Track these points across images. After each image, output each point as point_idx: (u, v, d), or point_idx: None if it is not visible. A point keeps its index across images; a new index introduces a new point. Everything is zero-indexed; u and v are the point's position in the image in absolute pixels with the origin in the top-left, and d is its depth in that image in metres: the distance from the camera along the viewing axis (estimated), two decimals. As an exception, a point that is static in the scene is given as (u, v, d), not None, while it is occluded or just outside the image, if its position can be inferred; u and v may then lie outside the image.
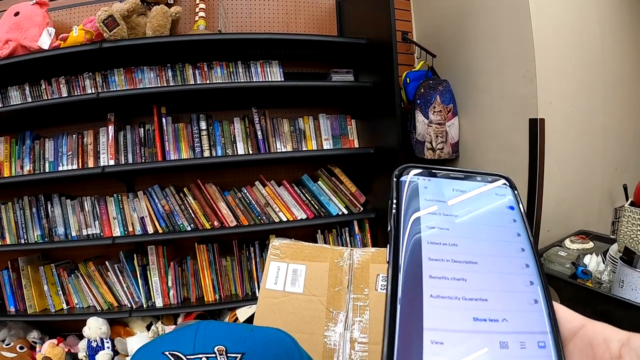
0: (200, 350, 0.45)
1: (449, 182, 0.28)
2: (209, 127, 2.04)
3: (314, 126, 2.08)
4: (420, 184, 0.27)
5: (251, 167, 2.15)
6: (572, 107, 2.05)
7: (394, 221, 0.26)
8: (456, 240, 0.25)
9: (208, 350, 0.45)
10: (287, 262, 1.07)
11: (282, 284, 1.04)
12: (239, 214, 2.03)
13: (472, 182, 0.29)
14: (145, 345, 0.51)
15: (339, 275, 1.04)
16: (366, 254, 1.06)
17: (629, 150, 2.43)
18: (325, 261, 1.06)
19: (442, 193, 0.27)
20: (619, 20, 2.41)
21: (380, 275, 1.04)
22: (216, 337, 0.47)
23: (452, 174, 0.28)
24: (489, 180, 0.29)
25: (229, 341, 0.46)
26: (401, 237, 0.25)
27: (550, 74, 1.94)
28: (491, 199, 0.28)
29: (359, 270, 1.06)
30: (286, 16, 2.27)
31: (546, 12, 1.94)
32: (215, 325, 0.49)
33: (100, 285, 2.15)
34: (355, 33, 2.12)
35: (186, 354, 0.45)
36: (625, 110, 2.41)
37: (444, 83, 2.11)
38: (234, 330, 0.48)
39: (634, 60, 2.50)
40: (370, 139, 2.03)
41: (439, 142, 2.06)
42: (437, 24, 2.37)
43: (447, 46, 2.27)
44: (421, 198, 0.27)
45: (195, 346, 0.46)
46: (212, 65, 2.07)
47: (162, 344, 0.47)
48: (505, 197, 0.29)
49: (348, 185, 2.05)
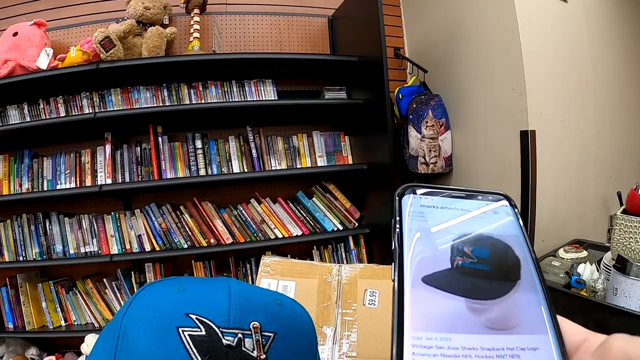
0: (236, 324, 0.41)
1: (451, 201, 0.29)
2: (204, 146, 2.15)
3: (308, 143, 2.19)
4: (422, 202, 0.29)
5: (247, 185, 2.25)
6: (563, 117, 2.14)
7: (398, 240, 0.27)
8: None
9: (244, 326, 0.41)
10: (277, 279, 1.15)
11: None
12: (235, 231, 2.13)
13: (473, 201, 0.30)
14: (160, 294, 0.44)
15: (327, 291, 1.12)
16: (354, 270, 1.14)
17: (623, 158, 2.51)
18: (315, 277, 1.14)
19: (443, 212, 0.29)
20: (609, 31, 2.51)
21: (367, 291, 1.12)
22: (251, 309, 0.43)
23: (454, 192, 0.30)
24: (490, 199, 0.30)
25: (263, 316, 0.43)
26: (405, 256, 0.26)
27: (539, 86, 2.03)
28: (492, 217, 0.30)
29: (347, 286, 1.13)
30: (279, 35, 2.39)
31: (534, 26, 2.04)
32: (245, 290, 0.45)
33: (98, 302, 2.23)
34: (347, 50, 2.23)
35: (220, 326, 0.40)
36: (618, 119, 2.49)
37: (436, 98, 2.21)
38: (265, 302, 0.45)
39: (625, 68, 2.60)
40: (364, 155, 2.13)
41: (432, 156, 2.16)
42: (428, 39, 2.48)
43: (439, 61, 2.38)
44: (423, 216, 0.28)
45: (231, 317, 0.41)
46: (207, 85, 2.18)
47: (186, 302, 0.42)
48: (506, 215, 0.30)
49: (342, 201, 2.15)
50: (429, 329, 0.23)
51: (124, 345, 0.40)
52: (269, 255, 1.18)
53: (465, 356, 0.23)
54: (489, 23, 2.12)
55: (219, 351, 0.39)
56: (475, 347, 0.23)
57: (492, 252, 0.28)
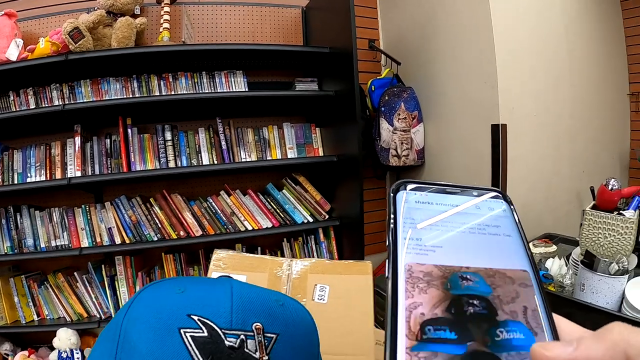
0: (238, 325, 0.41)
1: (445, 197, 0.29)
2: (174, 138, 2.13)
3: (279, 135, 2.17)
4: (416, 198, 0.29)
5: (217, 177, 2.23)
6: (537, 111, 2.13)
7: (392, 236, 0.27)
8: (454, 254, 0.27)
9: (246, 327, 0.41)
10: (228, 273, 1.15)
11: None
12: (205, 224, 2.12)
13: (468, 197, 0.30)
14: (162, 294, 0.44)
15: (277, 285, 1.11)
16: (306, 265, 1.14)
17: (597, 153, 2.50)
18: (265, 271, 1.13)
19: (438, 207, 0.29)
20: (587, 25, 2.49)
21: (317, 286, 1.11)
22: (253, 310, 0.43)
23: (448, 188, 0.30)
24: (484, 194, 0.31)
25: (265, 317, 0.43)
26: (399, 252, 0.26)
27: (512, 80, 2.01)
28: (485, 212, 0.30)
29: (297, 281, 1.12)
30: (252, 25, 2.36)
31: (508, 20, 2.02)
32: (247, 291, 0.45)
33: (70, 296, 2.22)
34: (320, 42, 2.21)
35: (222, 327, 0.40)
36: (594, 113, 2.48)
37: (408, 90, 2.19)
38: (267, 303, 0.45)
39: (602, 64, 2.58)
40: (335, 147, 2.12)
41: (404, 148, 2.14)
42: (403, 32, 2.46)
43: (413, 54, 2.36)
44: (418, 212, 0.28)
45: (233, 319, 0.41)
46: (177, 76, 2.16)
47: (188, 302, 0.42)
48: (500, 210, 0.30)
49: (313, 194, 2.14)
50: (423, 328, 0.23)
51: (125, 347, 0.40)
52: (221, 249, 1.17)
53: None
54: (462, 16, 2.10)
55: (221, 353, 0.39)
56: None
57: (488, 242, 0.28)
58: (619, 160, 2.78)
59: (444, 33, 2.18)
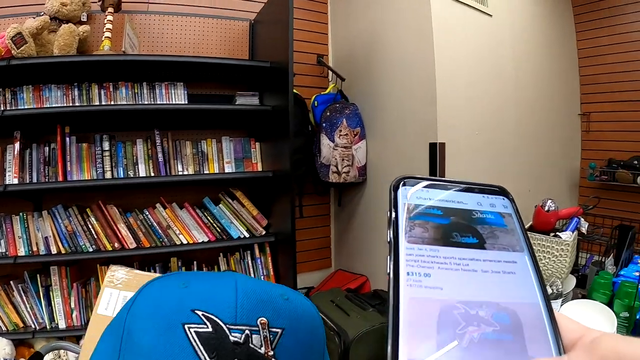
0: (243, 320, 0.40)
1: (447, 194, 0.29)
2: (111, 148, 2.11)
3: (217, 149, 2.15)
4: (418, 195, 0.28)
5: (155, 189, 2.21)
6: (479, 130, 2.13)
7: (393, 233, 0.26)
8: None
9: (251, 322, 0.40)
10: (119, 290, 1.13)
11: (112, 310, 1.10)
12: (141, 236, 2.09)
13: (470, 194, 0.30)
14: (165, 289, 0.44)
15: None
16: None
17: (546, 172, 2.51)
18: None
19: (439, 204, 0.28)
20: (535, 46, 2.50)
21: None
22: (258, 304, 0.42)
23: (449, 185, 0.29)
24: (487, 192, 0.30)
25: (270, 312, 0.42)
26: (400, 249, 0.26)
27: (452, 99, 2.01)
28: (487, 209, 0.29)
29: None
30: (198, 37, 2.35)
31: (450, 40, 2.03)
32: (252, 285, 0.44)
33: (6, 305, 2.18)
34: (264, 56, 2.20)
35: (227, 322, 0.40)
36: (543, 133, 2.49)
37: (351, 106, 2.18)
38: (272, 297, 0.44)
39: (554, 83, 2.59)
40: (272, 162, 2.10)
41: (345, 165, 2.13)
42: (351, 48, 2.46)
43: (358, 70, 2.35)
44: (419, 209, 0.28)
45: (238, 313, 0.40)
46: (118, 86, 2.13)
47: (192, 298, 0.41)
48: (503, 208, 0.30)
49: (250, 209, 2.12)
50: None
51: (129, 342, 0.40)
52: (117, 265, 1.15)
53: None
54: (407, 35, 2.10)
55: (226, 348, 0.38)
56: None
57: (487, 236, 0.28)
58: (569, 179, 2.79)
59: (388, 51, 2.18)
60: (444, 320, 0.23)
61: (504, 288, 0.26)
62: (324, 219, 2.69)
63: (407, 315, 0.23)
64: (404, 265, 0.25)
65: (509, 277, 0.26)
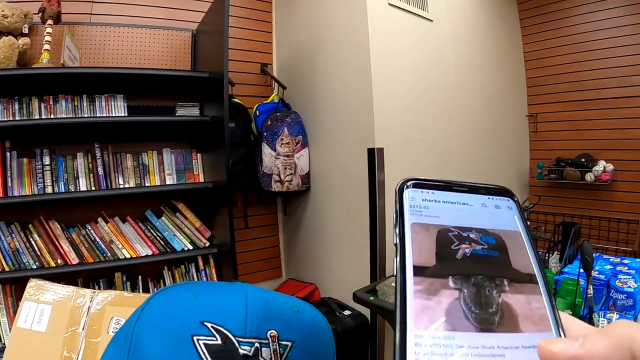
0: (253, 333, 0.39)
1: (453, 195, 0.29)
2: (52, 162, 2.08)
3: (158, 161, 2.14)
4: (423, 197, 0.29)
5: (96, 203, 2.19)
6: (420, 134, 2.15)
7: (399, 235, 0.26)
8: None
9: (261, 335, 0.40)
10: (37, 302, 1.13)
11: (30, 322, 1.09)
12: (84, 251, 2.07)
13: (475, 195, 0.30)
14: (174, 300, 0.43)
15: (77, 317, 1.10)
16: (105, 297, 1.13)
17: (493, 173, 2.55)
18: (69, 302, 1.12)
19: (445, 205, 0.29)
20: (482, 50, 2.54)
21: (114, 318, 1.11)
22: (268, 316, 0.41)
23: (455, 186, 0.30)
24: (492, 193, 0.31)
25: (280, 324, 0.42)
26: (407, 252, 0.26)
27: (390, 104, 2.03)
28: (494, 211, 0.30)
29: (96, 313, 1.12)
30: (141, 48, 2.33)
31: (387, 45, 2.05)
32: (262, 297, 0.43)
33: (-48, 324, 2.14)
34: (205, 66, 2.20)
35: (236, 335, 0.39)
36: (490, 135, 2.53)
37: (292, 115, 2.19)
38: (282, 309, 0.44)
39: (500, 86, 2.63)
40: (213, 173, 2.10)
41: (288, 174, 2.14)
42: (293, 56, 2.48)
43: (300, 78, 2.36)
44: (425, 210, 0.28)
45: (248, 326, 0.40)
46: (58, 99, 2.11)
47: (201, 309, 0.41)
48: (508, 210, 0.30)
49: (192, 221, 2.11)
50: (432, 327, 0.23)
51: (136, 353, 0.39)
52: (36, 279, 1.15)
53: (469, 355, 0.23)
54: (344, 41, 2.12)
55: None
56: (479, 345, 0.23)
57: (497, 240, 0.28)
58: (519, 180, 2.84)
59: (328, 58, 2.20)
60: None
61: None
62: (271, 229, 2.69)
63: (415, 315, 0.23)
64: (410, 267, 0.25)
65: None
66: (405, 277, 0.25)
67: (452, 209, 0.29)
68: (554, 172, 2.85)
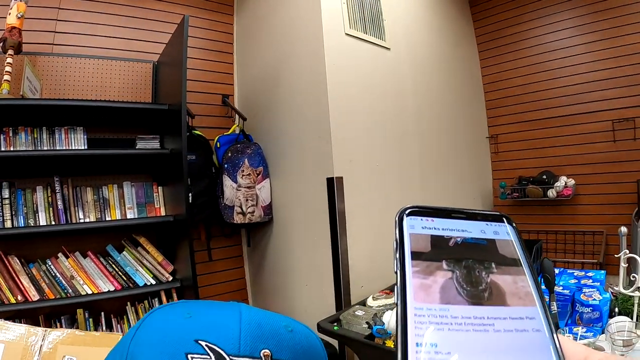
0: (246, 352, 0.40)
1: (451, 222, 0.30)
2: (11, 196, 2.06)
3: (118, 194, 2.14)
4: (423, 224, 0.29)
5: (56, 238, 2.17)
6: (379, 162, 2.19)
7: (400, 263, 0.27)
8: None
9: (255, 354, 0.40)
10: None
11: None
12: (45, 287, 2.05)
13: (473, 222, 0.31)
14: (169, 319, 0.44)
15: (29, 356, 1.12)
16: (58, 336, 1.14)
17: (456, 196, 2.60)
18: (21, 341, 1.14)
19: (445, 233, 0.29)
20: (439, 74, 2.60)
21: (66, 357, 1.13)
22: (262, 335, 0.42)
23: (454, 214, 0.30)
24: (490, 219, 0.31)
25: (273, 343, 0.42)
26: (407, 278, 0.26)
27: (348, 133, 2.06)
28: (491, 236, 0.30)
29: (47, 353, 1.13)
30: (103, 79, 2.33)
31: (344, 75, 2.08)
32: (256, 316, 0.44)
33: None
34: (166, 98, 2.22)
35: (230, 354, 0.39)
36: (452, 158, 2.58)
37: (253, 146, 2.22)
38: (276, 329, 0.44)
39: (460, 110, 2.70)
40: (174, 206, 2.11)
41: (249, 205, 2.15)
42: (253, 87, 2.51)
43: (260, 109, 2.39)
44: (424, 238, 0.29)
45: (241, 345, 0.40)
46: (17, 131, 2.10)
47: (195, 328, 0.41)
48: (506, 235, 0.31)
49: (154, 255, 2.11)
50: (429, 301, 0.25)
51: None
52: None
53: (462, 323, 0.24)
54: (302, 71, 2.15)
55: None
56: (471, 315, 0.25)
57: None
58: (483, 200, 2.91)
59: (286, 88, 2.23)
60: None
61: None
62: (237, 260, 2.69)
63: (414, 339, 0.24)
64: (411, 297, 0.26)
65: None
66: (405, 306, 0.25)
67: (451, 235, 0.30)
68: (517, 191, 2.93)
